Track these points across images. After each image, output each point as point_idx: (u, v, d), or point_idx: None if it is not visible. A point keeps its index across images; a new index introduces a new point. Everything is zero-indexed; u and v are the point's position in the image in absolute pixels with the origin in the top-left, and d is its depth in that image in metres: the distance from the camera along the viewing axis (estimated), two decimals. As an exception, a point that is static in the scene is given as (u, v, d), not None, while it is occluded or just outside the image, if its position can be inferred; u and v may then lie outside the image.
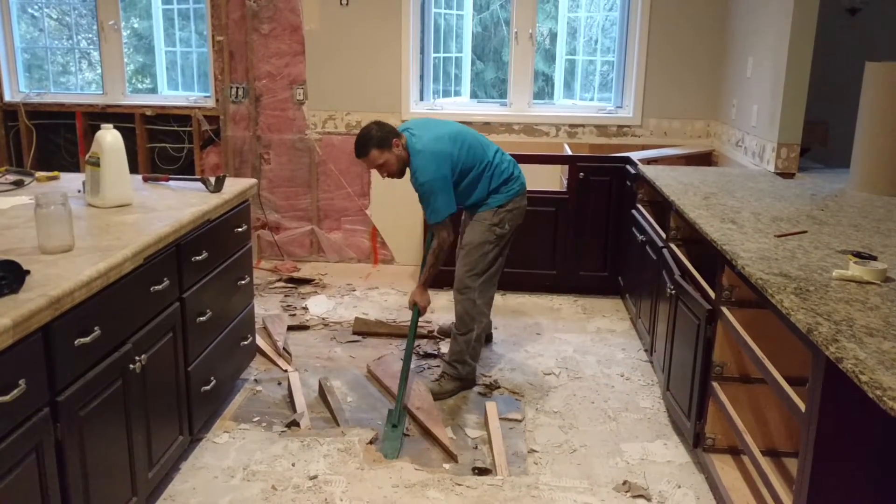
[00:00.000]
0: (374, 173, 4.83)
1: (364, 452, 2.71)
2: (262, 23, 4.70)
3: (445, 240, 3.07)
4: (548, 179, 4.80)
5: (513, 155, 3.32)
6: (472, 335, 3.17)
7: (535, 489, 2.52)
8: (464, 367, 3.19)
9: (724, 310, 2.39)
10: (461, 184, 3.09)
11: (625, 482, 2.56)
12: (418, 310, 3.21)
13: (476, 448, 2.78)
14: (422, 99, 4.93)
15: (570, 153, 4.46)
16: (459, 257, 3.19)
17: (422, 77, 4.90)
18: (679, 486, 2.55)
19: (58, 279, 1.76)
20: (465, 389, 3.22)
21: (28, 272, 1.73)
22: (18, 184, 2.82)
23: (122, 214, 2.43)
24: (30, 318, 1.59)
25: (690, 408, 2.64)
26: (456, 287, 3.19)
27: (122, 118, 4.78)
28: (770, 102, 3.72)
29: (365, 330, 3.82)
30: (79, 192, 2.68)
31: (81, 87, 5.49)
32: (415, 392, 3.08)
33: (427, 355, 3.56)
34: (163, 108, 4.86)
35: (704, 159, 4.60)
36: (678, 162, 4.39)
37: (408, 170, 3.08)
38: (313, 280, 4.61)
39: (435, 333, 3.78)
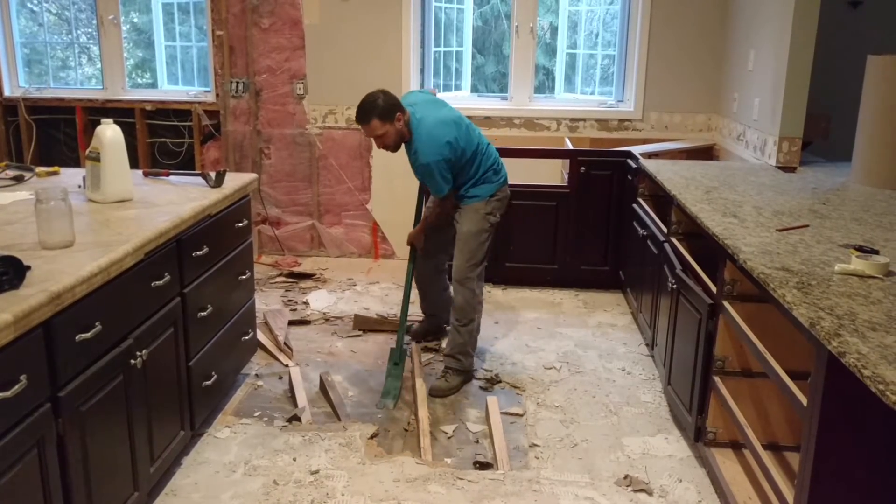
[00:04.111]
0: (374, 168, 4.85)
1: (365, 447, 2.71)
2: (262, 17, 4.69)
3: (448, 208, 3.22)
4: (549, 174, 4.80)
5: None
6: (474, 325, 3.23)
7: (537, 483, 2.52)
8: (467, 359, 3.22)
9: (726, 304, 2.38)
10: (457, 164, 3.11)
11: (626, 476, 2.56)
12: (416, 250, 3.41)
13: (477, 442, 2.79)
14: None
15: (571, 147, 4.45)
16: (457, 248, 3.20)
17: (422, 71, 4.89)
18: (680, 481, 2.55)
19: (58, 274, 1.76)
20: (466, 383, 3.23)
21: (28, 268, 1.73)
22: (18, 179, 2.81)
23: (123, 209, 2.43)
24: (30, 314, 1.59)
25: (692, 402, 2.64)
26: (456, 279, 3.20)
27: (121, 113, 4.78)
28: (772, 96, 3.71)
29: (365, 327, 3.81)
30: (79, 187, 2.67)
31: (81, 81, 5.48)
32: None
33: (426, 349, 3.56)
34: (163, 102, 4.85)
35: (706, 153, 4.59)
36: (679, 156, 4.38)
37: (403, 145, 3.11)
38: (314, 275, 4.61)
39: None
